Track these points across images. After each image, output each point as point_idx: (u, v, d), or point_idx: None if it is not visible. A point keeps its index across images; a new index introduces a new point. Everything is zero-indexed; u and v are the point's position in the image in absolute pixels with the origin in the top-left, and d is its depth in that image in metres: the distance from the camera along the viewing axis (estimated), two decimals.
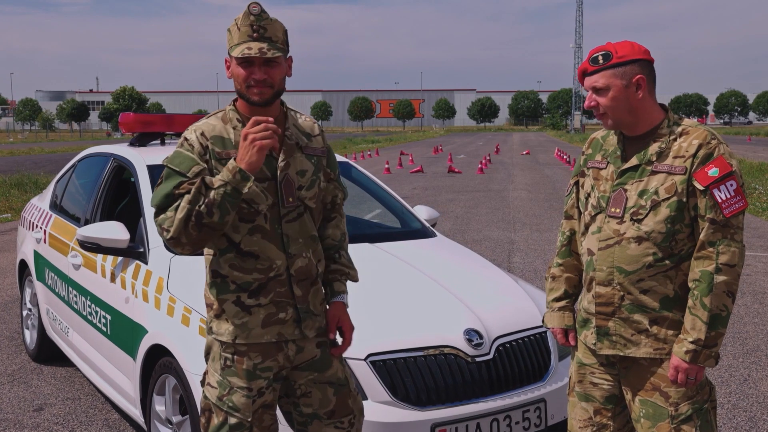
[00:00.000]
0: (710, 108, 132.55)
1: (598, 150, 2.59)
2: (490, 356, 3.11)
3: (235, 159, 2.25)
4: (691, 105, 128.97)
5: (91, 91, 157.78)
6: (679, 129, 2.43)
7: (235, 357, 2.38)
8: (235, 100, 2.44)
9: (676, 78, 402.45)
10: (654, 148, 2.41)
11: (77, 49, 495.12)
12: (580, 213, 2.62)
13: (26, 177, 18.25)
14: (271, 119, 2.25)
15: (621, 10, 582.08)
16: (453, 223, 12.19)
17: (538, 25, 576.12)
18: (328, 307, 2.56)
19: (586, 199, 2.55)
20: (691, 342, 2.33)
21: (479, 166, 24.76)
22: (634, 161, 2.44)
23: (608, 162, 2.51)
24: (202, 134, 2.34)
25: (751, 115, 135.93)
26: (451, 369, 3.02)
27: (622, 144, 2.51)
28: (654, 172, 2.40)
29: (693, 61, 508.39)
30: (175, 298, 3.32)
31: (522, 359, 3.20)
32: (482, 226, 11.78)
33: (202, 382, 2.48)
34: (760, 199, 14.79)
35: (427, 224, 4.50)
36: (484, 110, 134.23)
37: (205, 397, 2.44)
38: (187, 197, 2.21)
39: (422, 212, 4.65)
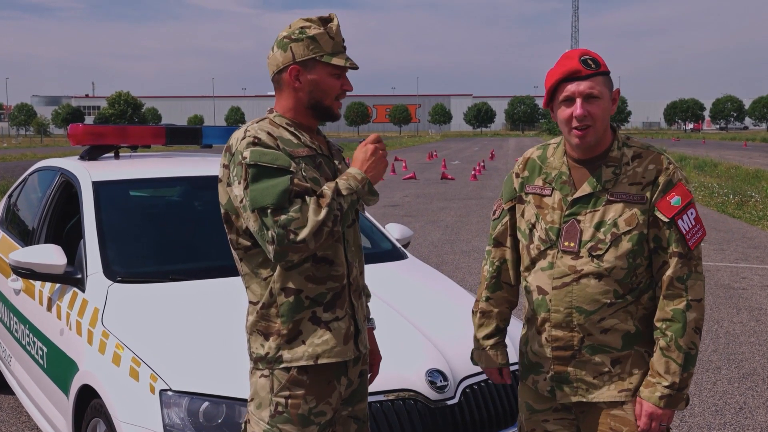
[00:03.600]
0: (706, 113, 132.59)
1: (536, 173, 2.29)
2: (456, 400, 2.79)
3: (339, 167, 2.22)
4: (687, 110, 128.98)
5: (86, 96, 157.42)
6: (630, 152, 2.18)
7: (290, 401, 2.16)
8: (269, 111, 2.28)
9: (671, 83, 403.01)
10: (607, 173, 2.16)
11: (73, 54, 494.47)
12: (515, 242, 2.36)
13: (11, 184, 17.92)
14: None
15: (616, 15, 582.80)
16: (442, 232, 11.88)
17: (535, 31, 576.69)
18: None
19: (530, 230, 2.27)
20: (667, 386, 2.14)
21: (473, 172, 24.46)
22: (586, 189, 2.17)
23: (553, 188, 2.23)
24: (269, 134, 2.16)
25: (747, 121, 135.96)
26: (411, 415, 2.69)
27: (567, 167, 2.22)
28: (610, 201, 2.15)
29: (689, 67, 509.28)
30: (108, 332, 3.00)
31: (491, 402, 2.88)
32: (472, 236, 11.47)
33: None
34: (756, 207, 14.50)
35: (398, 245, 4.18)
36: (481, 115, 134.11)
37: None
38: (323, 200, 2.06)
39: (394, 231, 4.32)
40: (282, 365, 2.16)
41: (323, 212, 2.03)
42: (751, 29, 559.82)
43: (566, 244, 2.19)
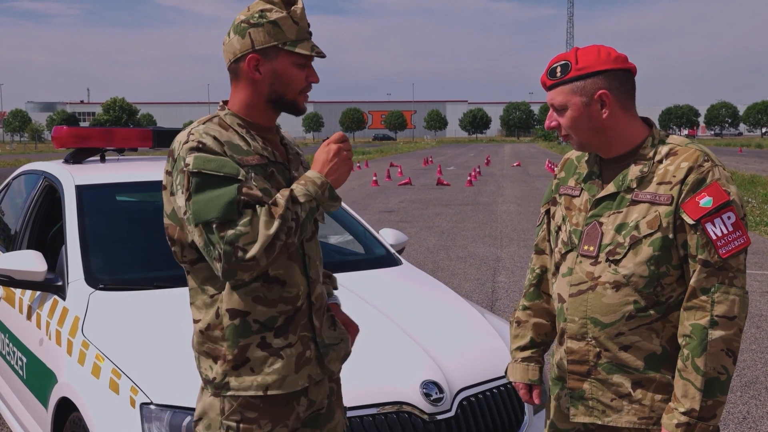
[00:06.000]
0: (701, 119, 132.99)
1: (571, 173, 2.16)
2: (452, 413, 2.66)
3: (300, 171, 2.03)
4: (682, 116, 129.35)
5: (81, 102, 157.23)
6: (666, 148, 2.00)
7: (241, 426, 1.97)
8: (223, 107, 2.04)
9: (666, 90, 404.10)
10: (634, 171, 2.00)
11: (68, 60, 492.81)
12: (552, 248, 2.20)
13: None
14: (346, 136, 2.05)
15: (611, 21, 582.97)
16: (438, 238, 11.76)
17: (530, 37, 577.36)
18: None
19: (557, 232, 2.13)
20: (684, 413, 1.91)
21: (468, 178, 24.38)
22: (611, 188, 2.02)
23: (582, 188, 2.09)
24: (215, 139, 1.93)
25: (742, 127, 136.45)
26: (404, 429, 2.56)
27: (598, 167, 2.08)
28: (634, 202, 1.98)
29: (683, 73, 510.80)
30: (88, 342, 2.87)
31: (490, 414, 2.75)
32: (468, 242, 11.36)
33: None
34: (753, 212, 14.44)
35: (393, 250, 4.06)
36: (476, 121, 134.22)
37: None
38: (275, 209, 1.85)
39: (389, 236, 4.20)
40: (229, 392, 1.98)
41: (275, 224, 1.83)
42: (745, 36, 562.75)
43: (586, 248, 2.03)
